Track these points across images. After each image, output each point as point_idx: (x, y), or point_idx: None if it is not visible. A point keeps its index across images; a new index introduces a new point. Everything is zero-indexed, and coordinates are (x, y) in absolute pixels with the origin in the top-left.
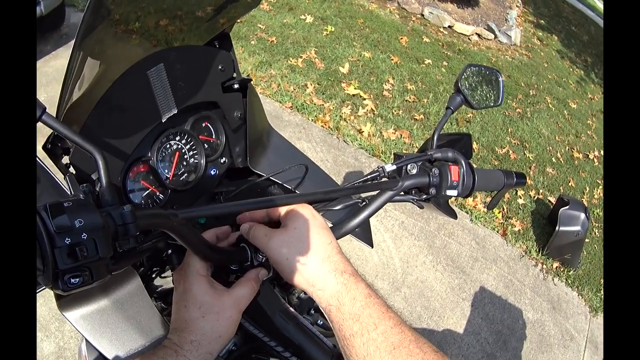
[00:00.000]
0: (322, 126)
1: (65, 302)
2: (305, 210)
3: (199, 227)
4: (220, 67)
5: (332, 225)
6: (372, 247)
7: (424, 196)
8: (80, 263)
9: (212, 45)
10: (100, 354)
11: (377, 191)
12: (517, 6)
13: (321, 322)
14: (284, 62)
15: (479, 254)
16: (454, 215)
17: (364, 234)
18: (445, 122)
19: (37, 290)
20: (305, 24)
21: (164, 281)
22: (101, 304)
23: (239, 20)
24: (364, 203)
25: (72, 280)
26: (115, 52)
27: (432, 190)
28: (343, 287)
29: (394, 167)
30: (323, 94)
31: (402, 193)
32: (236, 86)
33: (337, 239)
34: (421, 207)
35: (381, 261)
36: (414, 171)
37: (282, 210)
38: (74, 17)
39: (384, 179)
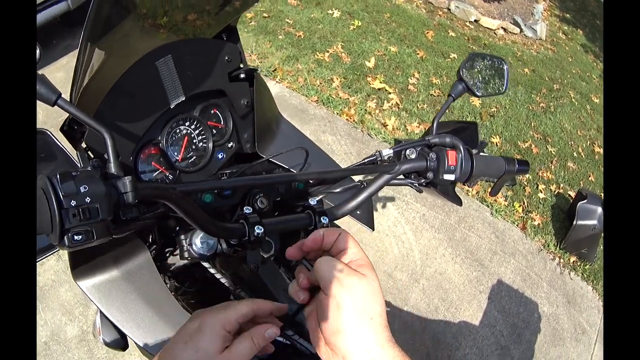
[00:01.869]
0: (347, 120)
1: (79, 271)
2: (369, 261)
3: (203, 205)
4: (226, 58)
5: (333, 205)
6: (373, 230)
7: (423, 180)
8: (84, 223)
9: (220, 38)
10: (113, 325)
11: (376, 174)
12: (543, 0)
13: None
14: (310, 57)
15: (498, 248)
16: (459, 202)
17: (366, 218)
18: (446, 109)
19: (50, 253)
20: (333, 18)
21: (176, 259)
22: (112, 274)
23: (265, 15)
24: (363, 186)
25: (76, 238)
26: (124, 44)
27: (430, 175)
28: None
29: (391, 151)
30: (349, 87)
31: (402, 177)
32: (242, 75)
33: (337, 219)
34: (420, 191)
35: (401, 253)
36: (413, 156)
37: (349, 253)
38: None
39: (385, 163)
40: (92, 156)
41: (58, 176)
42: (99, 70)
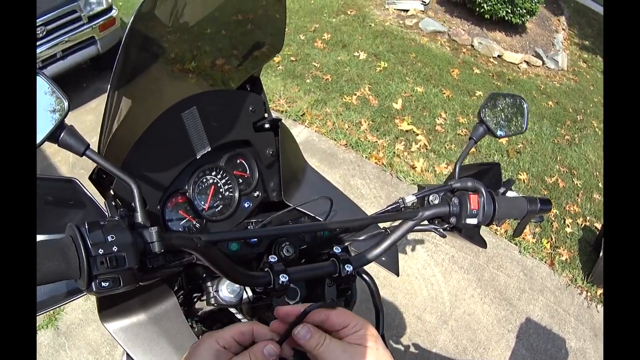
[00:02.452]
0: (375, 163)
1: (106, 314)
2: (372, 331)
3: (230, 253)
4: (251, 109)
5: (357, 253)
6: (398, 275)
7: (446, 225)
8: (111, 270)
9: (244, 88)
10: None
11: (400, 221)
12: (562, 29)
13: None
14: (338, 100)
15: (526, 285)
16: (483, 244)
17: (391, 263)
18: (467, 153)
19: (78, 296)
20: (359, 60)
21: (203, 304)
22: (139, 318)
23: (293, 59)
24: (387, 233)
25: (103, 284)
26: (151, 92)
27: (453, 220)
28: None
29: (414, 198)
30: (377, 130)
31: (426, 222)
32: (267, 126)
33: (362, 266)
34: (443, 236)
35: (430, 295)
36: (436, 202)
37: (343, 322)
38: None
39: (408, 210)
40: (119, 204)
41: (86, 225)
42: (126, 119)
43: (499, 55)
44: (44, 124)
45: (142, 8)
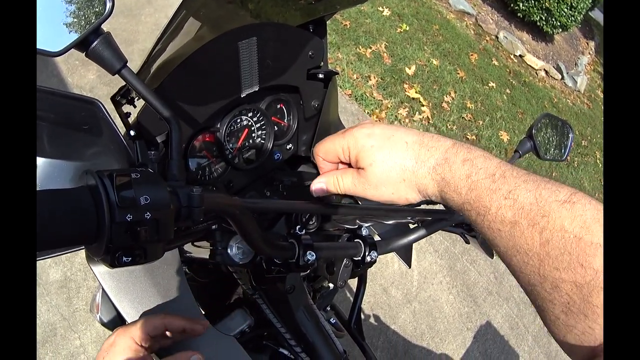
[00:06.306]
0: (376, 121)
1: None
2: (366, 138)
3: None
4: (310, 53)
5: (379, 239)
6: (410, 267)
7: (473, 233)
8: (137, 243)
9: (306, 28)
10: (114, 306)
11: (430, 217)
12: (589, 53)
13: (334, 321)
14: (352, 49)
15: (494, 289)
16: (491, 254)
17: (405, 254)
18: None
19: (74, 250)
20: (382, 16)
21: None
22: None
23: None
24: (415, 226)
25: (124, 259)
26: (212, 17)
27: None
28: (443, 183)
29: None
30: (384, 89)
31: (453, 224)
32: (321, 76)
33: (383, 254)
34: (467, 242)
35: (401, 270)
36: None
37: (347, 149)
38: None
39: (439, 207)
40: (137, 127)
41: (115, 177)
42: (177, 43)
43: (520, 55)
44: (74, 26)
45: None
